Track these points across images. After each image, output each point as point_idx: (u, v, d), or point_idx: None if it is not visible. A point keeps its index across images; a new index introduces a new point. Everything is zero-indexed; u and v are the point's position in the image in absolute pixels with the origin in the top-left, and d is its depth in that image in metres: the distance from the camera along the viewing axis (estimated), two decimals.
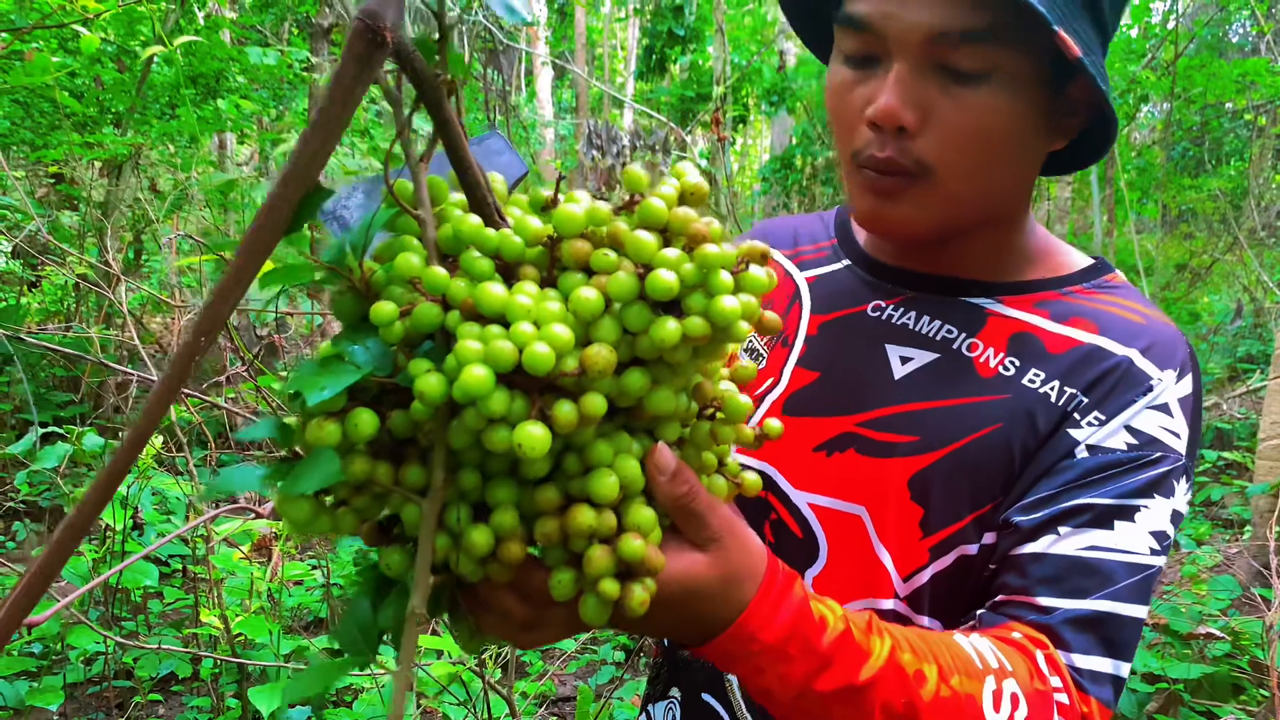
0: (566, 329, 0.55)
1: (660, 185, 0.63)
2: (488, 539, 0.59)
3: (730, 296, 0.58)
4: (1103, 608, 0.82)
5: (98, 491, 0.50)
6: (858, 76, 0.87)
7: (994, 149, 0.85)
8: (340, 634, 0.62)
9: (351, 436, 0.55)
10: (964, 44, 0.81)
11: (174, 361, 0.48)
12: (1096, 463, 0.86)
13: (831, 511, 0.95)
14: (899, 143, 0.84)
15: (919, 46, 0.82)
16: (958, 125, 0.83)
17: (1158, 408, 0.88)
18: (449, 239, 0.61)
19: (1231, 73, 7.75)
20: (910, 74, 0.83)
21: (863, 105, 0.86)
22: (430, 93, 0.55)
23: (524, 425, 0.54)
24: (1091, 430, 0.87)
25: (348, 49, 0.47)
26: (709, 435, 0.69)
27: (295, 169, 0.47)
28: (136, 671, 2.97)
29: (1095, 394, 0.88)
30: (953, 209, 0.88)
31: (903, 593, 0.91)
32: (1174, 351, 0.91)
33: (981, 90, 0.82)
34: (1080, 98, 0.89)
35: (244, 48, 4.59)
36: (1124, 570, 0.83)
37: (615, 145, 6.32)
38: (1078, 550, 0.83)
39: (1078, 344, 0.91)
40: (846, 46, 0.88)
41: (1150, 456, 0.86)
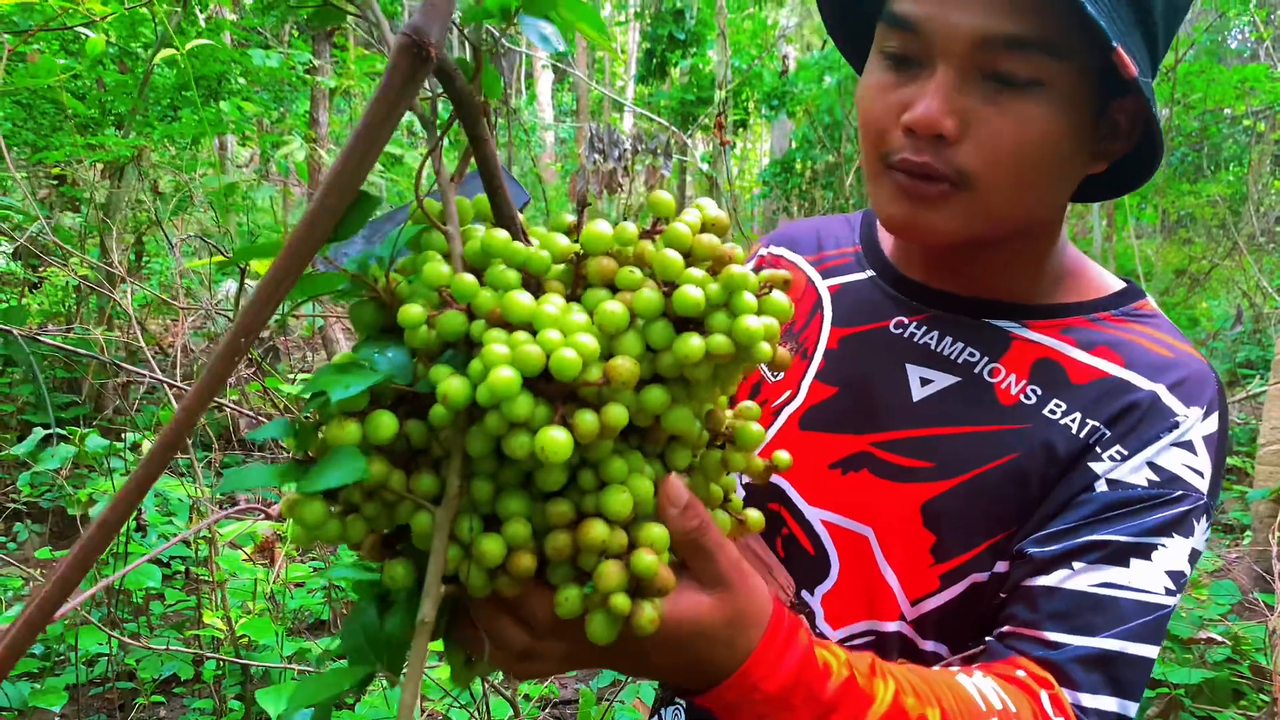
0: (592, 339, 0.56)
1: (683, 215, 0.64)
2: (500, 549, 0.59)
3: (754, 317, 0.59)
4: (1112, 646, 0.80)
5: (131, 491, 0.50)
6: (898, 79, 0.84)
7: (1035, 163, 0.82)
8: (346, 642, 0.63)
9: (372, 437, 0.56)
10: (1013, 51, 0.78)
11: (215, 360, 0.48)
12: (1115, 498, 0.84)
13: (842, 530, 0.94)
14: (936, 150, 0.82)
15: (965, 50, 0.79)
16: (1000, 135, 0.80)
17: (1182, 445, 0.86)
18: (476, 254, 0.61)
19: (1231, 78, 7.76)
20: (954, 80, 0.80)
21: (899, 108, 0.83)
22: (468, 112, 0.56)
23: (546, 429, 0.54)
24: (1113, 465, 0.85)
25: (393, 64, 0.47)
26: (719, 464, 0.69)
27: (339, 180, 0.48)
28: (139, 673, 2.97)
29: (1118, 428, 0.86)
30: (988, 223, 0.85)
31: (910, 616, 0.90)
32: (1202, 389, 0.88)
33: (1027, 101, 0.80)
34: (1123, 121, 0.86)
35: (247, 50, 4.59)
36: (1136, 609, 0.81)
37: (617, 149, 6.33)
38: (1090, 586, 0.82)
39: (1102, 375, 0.89)
40: (889, 45, 0.85)
41: (1171, 495, 0.84)
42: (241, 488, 0.54)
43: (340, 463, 0.52)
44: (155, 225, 5.09)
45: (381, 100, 0.49)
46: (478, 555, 0.58)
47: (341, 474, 0.51)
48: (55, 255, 4.58)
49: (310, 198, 4.22)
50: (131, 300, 4.33)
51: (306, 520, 0.56)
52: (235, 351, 0.50)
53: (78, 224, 5.16)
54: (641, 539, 0.61)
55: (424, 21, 0.50)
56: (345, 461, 0.52)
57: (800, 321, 1.05)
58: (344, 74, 5.45)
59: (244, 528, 2.17)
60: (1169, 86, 7.66)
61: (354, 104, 6.12)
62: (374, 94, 0.50)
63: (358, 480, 0.51)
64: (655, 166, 6.64)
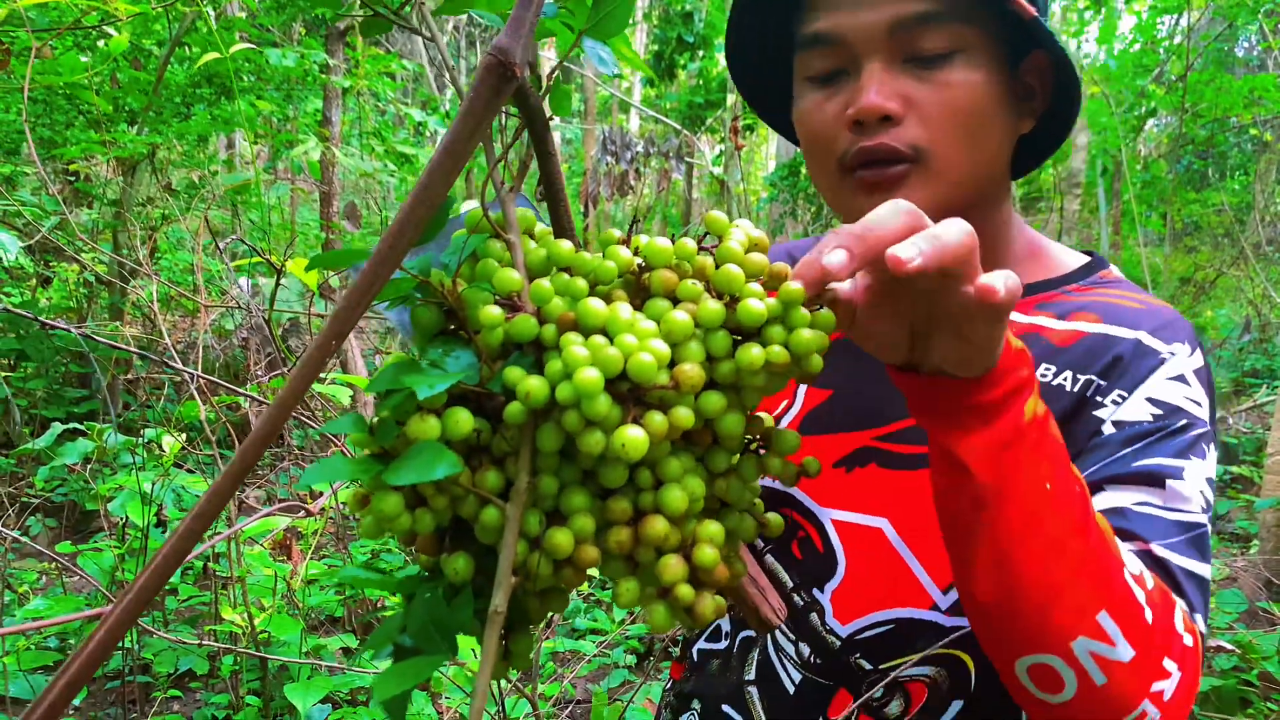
0: (664, 344, 0.58)
1: (731, 233, 0.67)
2: (571, 541, 0.62)
3: (808, 329, 0.62)
4: (1162, 554, 0.80)
5: (226, 484, 0.52)
6: (829, 93, 0.91)
7: (973, 124, 0.89)
8: (412, 628, 0.65)
9: (450, 432, 0.59)
10: (925, 27, 0.86)
11: (307, 358, 0.51)
12: (1124, 435, 0.86)
13: (851, 526, 0.96)
14: (887, 131, 0.87)
15: (884, 40, 0.86)
16: (938, 105, 0.87)
17: (1175, 379, 0.89)
18: (540, 263, 0.64)
19: (1241, 88, 7.78)
20: (883, 68, 0.87)
21: (841, 113, 0.89)
22: (538, 127, 0.58)
23: (625, 428, 0.57)
24: (1115, 408, 0.88)
25: (480, 82, 0.50)
26: (756, 468, 0.71)
27: (426, 192, 0.50)
28: (155, 667, 3.00)
29: (1112, 376, 0.90)
30: (949, 191, 0.90)
31: (945, 605, 0.91)
32: (1178, 328, 0.93)
33: (950, 69, 0.87)
34: (1035, 81, 0.93)
35: (262, 49, 4.62)
36: (1180, 527, 0.82)
37: (629, 151, 6.35)
38: (1133, 505, 0.83)
39: (1083, 334, 0.93)
40: (814, 68, 0.92)
41: (1176, 424, 0.86)
42: (324, 480, 0.57)
43: (427, 457, 0.54)
44: (168, 222, 5.13)
45: (468, 116, 0.52)
46: (550, 548, 0.60)
47: (433, 468, 0.53)
48: (69, 250, 4.61)
49: (323, 196, 4.22)
50: (147, 295, 4.36)
51: (385, 512, 0.59)
52: (326, 352, 0.53)
53: (91, 220, 5.19)
54: (702, 533, 0.64)
55: (509, 42, 0.52)
56: (432, 456, 0.54)
57: None
58: (356, 73, 5.48)
59: (269, 525, 2.20)
60: (1178, 95, 7.68)
61: (361, 103, 6.14)
62: (460, 110, 0.52)
63: (450, 475, 0.53)
64: (666, 169, 6.66)
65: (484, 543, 0.64)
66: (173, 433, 2.62)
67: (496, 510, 0.61)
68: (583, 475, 0.64)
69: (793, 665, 0.99)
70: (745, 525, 0.71)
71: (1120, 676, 0.71)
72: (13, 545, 3.68)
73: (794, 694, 0.98)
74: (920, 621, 0.92)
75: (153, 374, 5.20)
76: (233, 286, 4.26)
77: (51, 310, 5.61)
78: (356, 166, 5.17)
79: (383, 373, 0.61)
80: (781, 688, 0.99)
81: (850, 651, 0.95)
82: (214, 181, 5.64)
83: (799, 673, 0.98)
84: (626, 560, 0.65)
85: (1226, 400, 7.39)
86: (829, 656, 0.96)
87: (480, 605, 0.62)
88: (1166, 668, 0.73)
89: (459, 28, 12.83)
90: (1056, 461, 0.71)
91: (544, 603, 0.67)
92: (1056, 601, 0.70)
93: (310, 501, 1.95)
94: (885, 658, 0.94)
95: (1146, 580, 0.75)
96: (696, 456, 0.67)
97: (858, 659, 0.95)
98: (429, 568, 0.67)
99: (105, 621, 0.52)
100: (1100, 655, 0.71)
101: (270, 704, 2.68)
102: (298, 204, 8.50)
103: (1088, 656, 0.71)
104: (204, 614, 3.37)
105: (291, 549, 2.67)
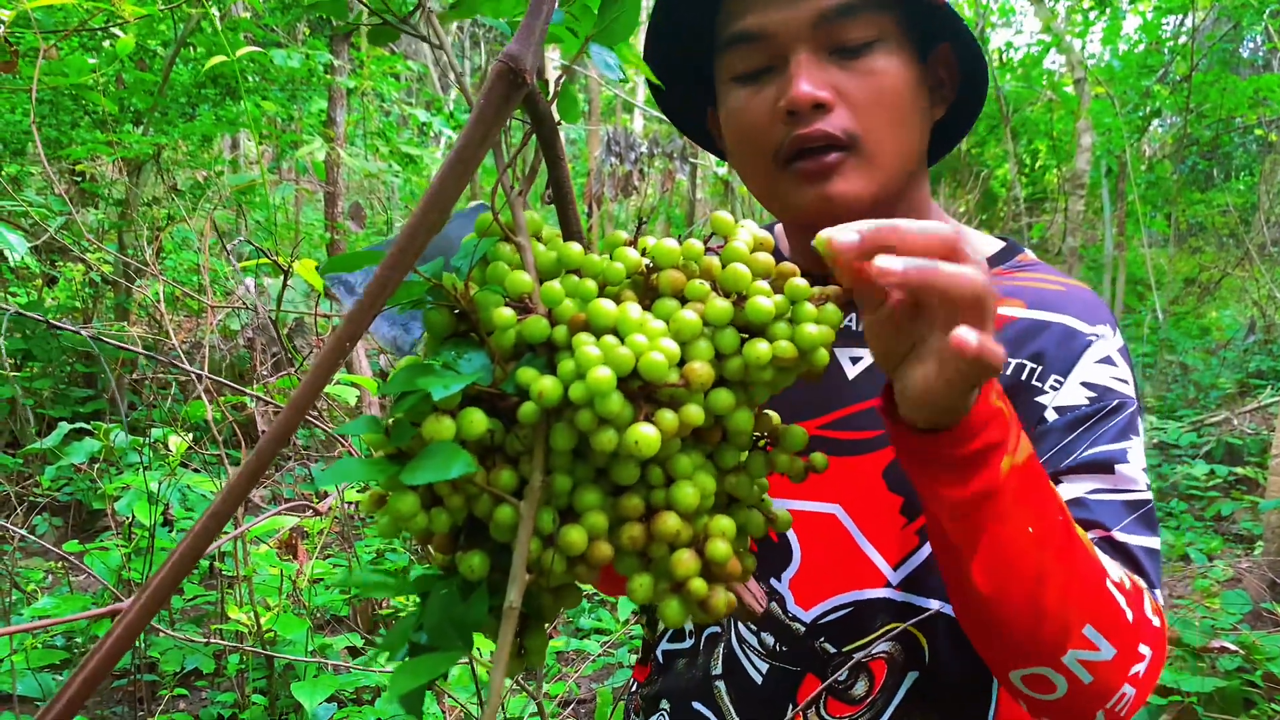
0: (674, 343, 0.59)
1: (737, 234, 0.68)
2: (584, 538, 0.63)
3: (814, 325, 0.63)
4: (1120, 538, 0.86)
5: (242, 483, 0.53)
6: (756, 89, 0.93)
7: (897, 109, 0.92)
8: (428, 625, 0.66)
9: (464, 433, 0.59)
10: (847, 18, 0.89)
11: (322, 360, 0.51)
12: (1066, 420, 0.91)
13: (805, 514, 0.98)
14: (821, 118, 0.89)
15: (808, 33, 0.89)
16: (865, 92, 0.90)
17: (1103, 361, 0.94)
18: (550, 265, 0.65)
19: (1246, 89, 7.78)
20: (810, 60, 0.89)
21: (771, 108, 0.91)
22: (547, 132, 0.59)
23: (637, 426, 0.57)
24: (1054, 393, 0.92)
25: (490, 88, 0.50)
26: (764, 464, 0.72)
27: (438, 197, 0.51)
28: (161, 666, 3.01)
29: (1046, 359, 0.93)
30: (883, 174, 0.92)
31: (895, 580, 0.94)
32: (1099, 310, 0.97)
33: (873, 57, 0.90)
34: (943, 73, 0.98)
35: (267, 49, 4.63)
36: (1131, 507, 0.88)
37: (633, 152, 6.36)
38: (1086, 494, 0.88)
39: (1011, 319, 0.96)
40: (739, 68, 0.94)
41: (1110, 404, 0.91)
42: (340, 481, 0.57)
43: (443, 457, 0.55)
44: (174, 222, 5.14)
45: (479, 122, 0.52)
46: (564, 545, 0.61)
47: (448, 468, 0.54)
48: (74, 250, 4.63)
49: (328, 196, 4.23)
50: (153, 295, 4.37)
51: (401, 512, 0.59)
52: (340, 354, 0.54)
53: (97, 220, 5.21)
54: (713, 528, 0.65)
55: (519, 49, 0.53)
56: (448, 456, 0.55)
57: None
58: (361, 74, 5.49)
59: (275, 524, 2.21)
60: (1183, 95, 7.68)
61: (366, 104, 6.15)
62: (470, 117, 0.53)
63: (464, 475, 0.54)
64: (670, 170, 6.67)
65: (499, 540, 0.65)
66: (179, 432, 2.63)
67: (511, 508, 0.62)
68: (595, 473, 0.65)
69: (758, 656, 1.00)
70: (754, 520, 0.72)
71: (1104, 672, 0.77)
72: (20, 544, 3.69)
73: (762, 683, 1.00)
74: (876, 600, 0.95)
75: (159, 374, 5.22)
76: (238, 287, 4.27)
77: (57, 310, 5.63)
78: (361, 167, 5.18)
79: (397, 375, 0.61)
80: (749, 679, 1.01)
81: (815, 636, 0.97)
82: (219, 182, 5.66)
83: (765, 662, 1.00)
84: (639, 556, 0.66)
85: (1232, 402, 7.38)
86: (794, 643, 0.98)
87: (495, 602, 0.63)
88: (1141, 652, 0.79)
89: (463, 28, 12.85)
90: (1039, 503, 0.73)
91: (558, 599, 0.68)
92: (1043, 624, 0.75)
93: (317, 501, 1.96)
94: (848, 639, 0.96)
95: (1125, 582, 0.80)
96: (706, 453, 0.68)
97: (822, 643, 0.97)
98: (445, 566, 0.68)
99: (122, 618, 0.53)
100: (1087, 660, 0.77)
101: (276, 703, 2.69)
102: (302, 204, 8.52)
103: (1076, 664, 0.77)
104: (210, 613, 3.38)
105: (298, 548, 2.68)
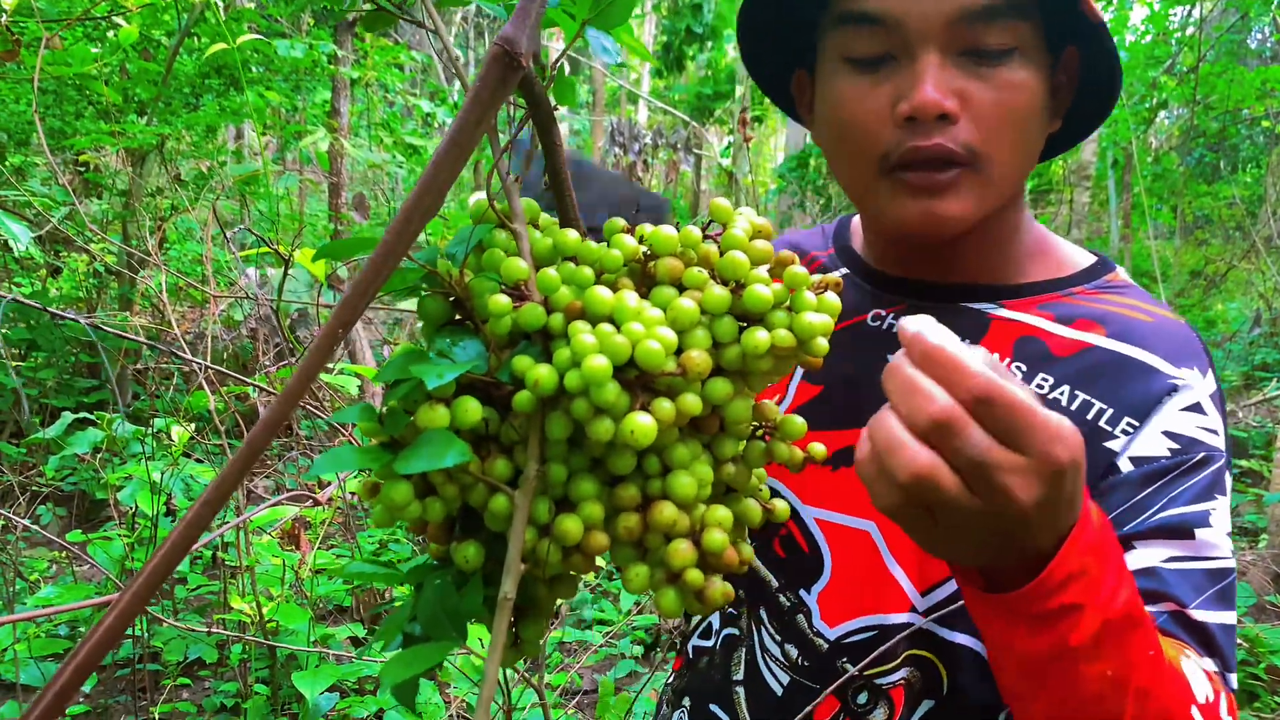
0: (671, 332, 0.58)
1: (735, 221, 0.67)
2: (580, 528, 0.62)
3: (813, 313, 0.63)
4: (1198, 617, 0.79)
5: (235, 471, 0.53)
6: (873, 79, 0.84)
7: (1026, 128, 0.84)
8: (422, 616, 0.65)
9: (459, 421, 0.59)
10: (990, 22, 0.80)
11: (315, 347, 0.51)
12: (1142, 473, 0.83)
13: (838, 527, 0.94)
14: (943, 130, 0.81)
15: (945, 30, 0.80)
16: (995, 106, 0.81)
17: (1191, 409, 0.85)
18: (547, 252, 0.64)
19: (1253, 80, 7.73)
20: (939, 61, 0.80)
21: (888, 105, 0.82)
22: (544, 117, 0.58)
23: (633, 415, 0.57)
24: (1128, 439, 0.84)
25: (485, 72, 0.50)
26: (763, 454, 0.71)
27: (433, 182, 0.50)
28: (164, 655, 3.02)
29: (1119, 400, 0.85)
30: (995, 198, 0.85)
31: (921, 606, 0.89)
32: (1190, 349, 0.88)
33: (1008, 67, 0.81)
34: (1064, 76, 0.89)
35: (271, 40, 4.63)
36: (1210, 577, 0.80)
37: (637, 143, 6.35)
38: (1161, 562, 0.80)
39: (1086, 346, 0.88)
40: (854, 49, 0.84)
41: (1195, 458, 0.83)
42: (334, 470, 0.57)
43: (437, 446, 0.54)
44: (177, 212, 5.14)
45: (474, 106, 0.52)
46: (559, 534, 0.61)
47: (442, 456, 0.53)
48: (79, 241, 4.63)
49: (331, 187, 4.22)
50: (156, 285, 4.38)
51: (395, 500, 0.59)
52: (333, 340, 0.53)
53: (101, 210, 5.21)
54: (710, 518, 0.64)
55: (514, 32, 0.52)
56: (442, 445, 0.54)
57: None
58: (365, 65, 5.48)
59: (277, 514, 2.21)
60: (1190, 87, 7.64)
61: (370, 94, 6.14)
62: (465, 101, 0.52)
63: (459, 464, 0.54)
64: (674, 161, 6.66)
65: (494, 530, 0.64)
66: (181, 422, 2.63)
67: (505, 498, 0.61)
68: (591, 463, 0.64)
69: (779, 667, 0.97)
70: (752, 511, 0.71)
71: None
72: (23, 534, 3.70)
73: (781, 696, 0.97)
74: (899, 625, 0.90)
75: (161, 364, 5.22)
76: (241, 277, 4.27)
77: (61, 300, 5.64)
78: (365, 158, 5.17)
79: (391, 363, 0.61)
80: (768, 689, 0.97)
81: (837, 655, 0.94)
82: (222, 172, 5.65)
83: (786, 675, 0.97)
84: (636, 546, 0.65)
85: (1236, 394, 7.36)
86: (817, 659, 0.95)
87: (490, 592, 0.62)
88: None
89: (467, 18, 12.81)
90: (1126, 648, 0.64)
91: (553, 590, 0.68)
92: None
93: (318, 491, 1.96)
94: (869, 663, 0.92)
95: (1208, 695, 0.72)
96: (704, 443, 0.67)
97: (844, 663, 0.93)
98: (439, 556, 0.67)
99: (115, 606, 0.52)
100: None
101: (278, 692, 2.69)
102: (306, 195, 8.51)
103: None
104: (213, 603, 3.39)
105: (300, 539, 2.69)
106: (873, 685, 0.92)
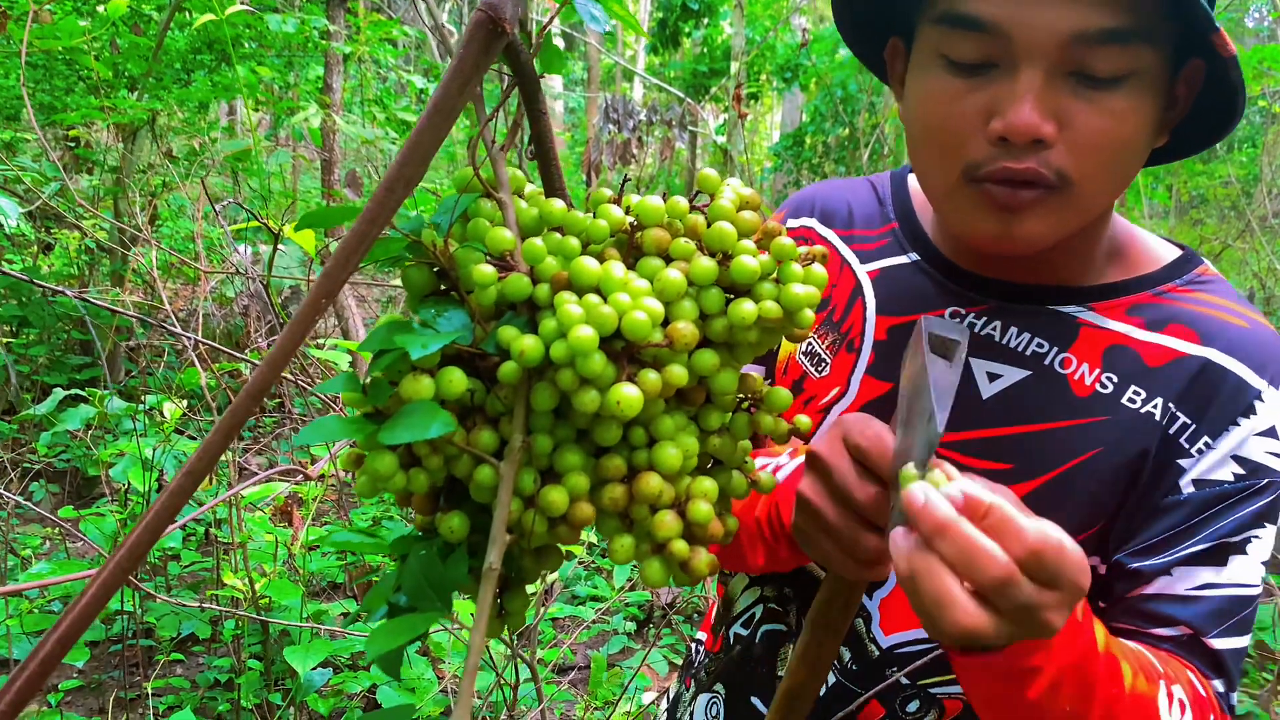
0: (658, 303, 0.58)
1: (721, 192, 0.66)
2: (565, 499, 0.62)
3: (800, 285, 0.62)
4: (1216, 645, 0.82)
5: (217, 441, 0.52)
6: (969, 84, 0.79)
7: (1128, 156, 0.80)
8: (407, 586, 0.65)
9: (444, 392, 0.59)
10: (1103, 45, 0.74)
11: (298, 318, 0.51)
12: (1203, 497, 0.83)
13: None
14: (1037, 154, 0.77)
15: (1055, 50, 0.75)
16: (1096, 133, 0.76)
17: (1265, 433, 0.84)
18: (533, 222, 0.64)
19: (1250, 59, 7.70)
20: (1043, 80, 0.75)
21: (981, 116, 0.78)
22: (529, 85, 0.58)
23: (619, 386, 0.57)
24: (1197, 459, 0.84)
25: (468, 38, 0.49)
26: (748, 425, 0.71)
27: (416, 150, 0.50)
28: (158, 631, 3.02)
29: (1204, 416, 0.84)
30: (1078, 220, 0.82)
31: None
32: (1277, 358, 0.86)
33: (1119, 94, 0.76)
34: (1182, 91, 0.83)
35: (262, 14, 4.58)
36: (1233, 605, 0.82)
37: (632, 120, 6.32)
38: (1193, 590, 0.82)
39: (1179, 355, 0.86)
40: (954, 50, 0.79)
41: (1259, 484, 0.83)
42: (318, 440, 0.57)
43: (421, 417, 0.54)
44: (169, 189, 5.11)
45: (457, 73, 0.51)
46: (544, 505, 0.61)
47: (426, 427, 0.53)
48: (70, 217, 4.60)
49: (324, 163, 4.19)
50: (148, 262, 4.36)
51: (379, 471, 0.59)
52: (316, 310, 0.53)
53: (92, 187, 5.17)
54: (695, 489, 0.64)
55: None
56: (426, 416, 0.54)
57: (839, 309, 0.99)
58: (358, 40, 5.43)
59: (269, 490, 2.21)
60: None
61: (363, 70, 6.09)
62: (449, 68, 0.52)
63: (443, 435, 0.53)
64: (669, 138, 6.63)
65: (479, 502, 0.64)
66: (174, 399, 2.63)
67: (491, 469, 0.61)
68: (577, 434, 0.64)
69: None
70: (737, 482, 0.72)
71: None
72: (15, 510, 3.70)
73: (825, 696, 0.96)
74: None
75: (154, 341, 5.21)
76: (233, 253, 4.25)
77: (53, 277, 5.60)
78: (358, 134, 5.14)
79: (375, 333, 0.61)
80: None
81: (887, 663, 0.93)
82: (214, 148, 5.61)
83: (833, 676, 0.96)
84: (621, 517, 0.65)
85: None
86: (866, 665, 0.94)
87: (475, 564, 0.62)
88: None
89: None
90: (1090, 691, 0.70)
91: (539, 561, 0.68)
92: None
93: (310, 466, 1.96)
94: (920, 675, 0.92)
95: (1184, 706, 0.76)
96: (690, 414, 0.67)
97: (892, 672, 0.93)
98: (424, 526, 0.67)
99: (98, 578, 0.52)
100: None
101: (271, 667, 2.70)
102: (299, 171, 8.46)
103: None
104: (206, 579, 3.39)
105: (292, 515, 2.69)
106: (925, 693, 0.92)
